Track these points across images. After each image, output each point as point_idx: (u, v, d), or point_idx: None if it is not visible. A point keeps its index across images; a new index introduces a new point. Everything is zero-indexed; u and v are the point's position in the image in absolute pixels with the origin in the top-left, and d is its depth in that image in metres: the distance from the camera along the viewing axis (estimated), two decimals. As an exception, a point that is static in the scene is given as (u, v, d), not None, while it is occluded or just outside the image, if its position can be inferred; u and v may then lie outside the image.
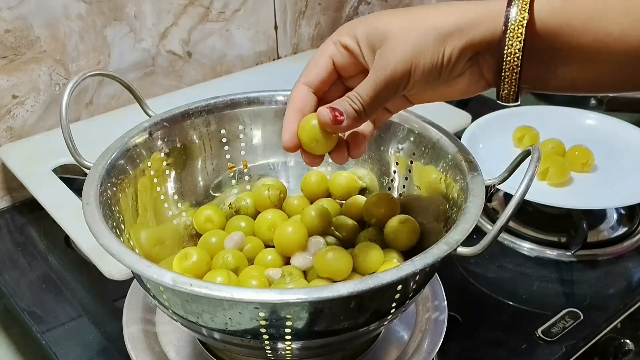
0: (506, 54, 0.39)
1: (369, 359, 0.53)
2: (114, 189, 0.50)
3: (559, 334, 0.62)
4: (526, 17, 0.38)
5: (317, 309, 0.41)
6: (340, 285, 0.38)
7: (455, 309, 0.61)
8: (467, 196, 0.46)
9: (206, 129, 0.59)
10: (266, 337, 0.42)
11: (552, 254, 0.73)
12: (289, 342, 0.43)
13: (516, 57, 0.39)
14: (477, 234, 0.41)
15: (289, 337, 0.42)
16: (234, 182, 0.62)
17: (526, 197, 0.40)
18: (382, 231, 0.55)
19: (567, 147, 0.81)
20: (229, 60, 1.00)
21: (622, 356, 0.66)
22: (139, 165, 0.54)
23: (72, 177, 0.76)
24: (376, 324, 0.45)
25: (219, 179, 0.61)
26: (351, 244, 0.54)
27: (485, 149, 0.83)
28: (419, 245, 0.53)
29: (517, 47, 0.39)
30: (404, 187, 0.58)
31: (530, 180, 0.39)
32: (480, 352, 0.61)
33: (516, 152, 0.54)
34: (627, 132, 0.86)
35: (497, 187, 0.49)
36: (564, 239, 0.74)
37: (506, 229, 0.67)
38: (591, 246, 0.73)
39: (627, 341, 0.66)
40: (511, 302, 0.67)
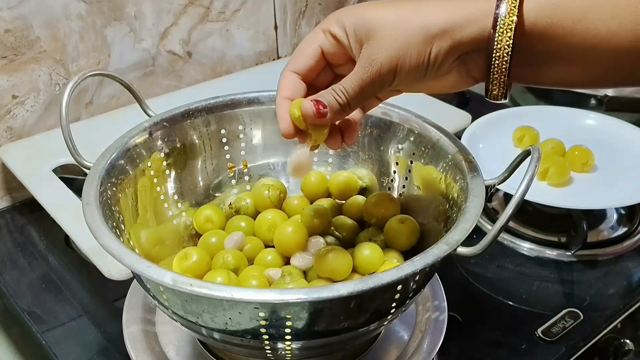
0: (495, 56, 0.39)
1: (369, 359, 0.53)
2: (114, 189, 0.50)
3: (559, 334, 0.62)
4: (515, 20, 0.38)
5: (317, 309, 0.41)
6: (340, 285, 0.38)
7: (455, 309, 0.61)
8: (467, 196, 0.46)
9: (206, 129, 0.59)
10: (266, 337, 0.42)
11: (552, 254, 0.73)
12: (288, 342, 0.43)
13: (505, 60, 0.39)
14: (477, 234, 0.41)
15: (288, 337, 0.42)
16: (234, 182, 0.62)
17: (526, 197, 0.40)
18: (382, 231, 0.55)
19: (567, 147, 0.81)
20: (229, 60, 1.00)
21: (622, 356, 0.66)
22: (139, 165, 0.54)
23: (72, 177, 0.76)
24: (376, 324, 0.45)
25: (219, 179, 0.61)
26: (351, 244, 0.54)
27: (485, 149, 0.82)
28: (419, 245, 0.53)
29: (506, 50, 0.39)
30: (404, 187, 0.58)
31: (530, 180, 0.39)
32: (480, 352, 0.61)
33: (516, 152, 0.54)
34: (627, 132, 0.86)
35: (497, 187, 0.49)
36: (564, 239, 0.74)
37: (506, 229, 0.67)
38: (591, 246, 0.73)
39: (627, 341, 0.66)
40: (511, 302, 0.67)
